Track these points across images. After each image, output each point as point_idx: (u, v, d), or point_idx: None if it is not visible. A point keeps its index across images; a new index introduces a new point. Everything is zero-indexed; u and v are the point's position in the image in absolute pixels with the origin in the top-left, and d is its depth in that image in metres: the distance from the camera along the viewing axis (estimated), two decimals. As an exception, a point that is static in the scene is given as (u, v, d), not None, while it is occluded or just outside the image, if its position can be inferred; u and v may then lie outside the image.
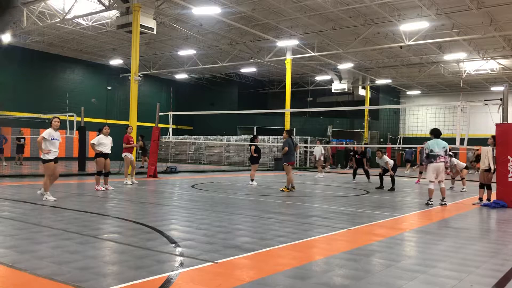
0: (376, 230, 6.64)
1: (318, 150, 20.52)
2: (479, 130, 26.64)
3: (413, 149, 28.12)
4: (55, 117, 9.33)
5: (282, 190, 12.41)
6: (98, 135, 11.74)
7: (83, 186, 12.80)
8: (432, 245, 5.65)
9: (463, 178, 14.27)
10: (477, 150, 15.69)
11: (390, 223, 7.43)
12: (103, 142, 11.36)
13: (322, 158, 20.70)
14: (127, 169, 13.46)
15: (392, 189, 13.56)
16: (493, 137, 10.46)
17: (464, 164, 14.65)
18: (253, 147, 14.86)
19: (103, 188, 11.17)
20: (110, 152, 11.53)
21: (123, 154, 13.46)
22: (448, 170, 14.92)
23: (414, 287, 3.83)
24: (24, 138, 23.07)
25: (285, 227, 6.56)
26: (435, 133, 10.03)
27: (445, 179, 10.23)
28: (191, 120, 37.54)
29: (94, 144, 11.22)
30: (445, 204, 9.91)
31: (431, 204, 9.86)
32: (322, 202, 10.28)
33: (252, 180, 14.59)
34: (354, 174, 17.55)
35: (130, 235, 5.75)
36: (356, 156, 17.24)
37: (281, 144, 13.64)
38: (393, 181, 13.74)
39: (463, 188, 13.93)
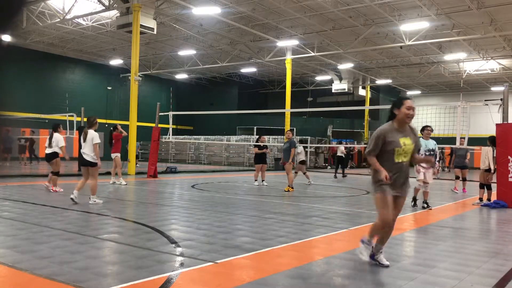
0: (376, 230, 6.63)
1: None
2: (479, 130, 26.61)
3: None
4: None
5: (287, 191, 12.37)
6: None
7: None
8: (432, 245, 5.64)
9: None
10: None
11: (390, 223, 7.41)
12: None
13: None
14: (120, 169, 13.27)
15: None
16: (490, 138, 10.43)
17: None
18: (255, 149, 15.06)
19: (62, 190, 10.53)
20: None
21: (114, 155, 13.14)
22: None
23: (414, 287, 3.83)
24: (25, 139, 22.99)
25: (285, 227, 6.55)
26: None
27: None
28: (191, 120, 37.53)
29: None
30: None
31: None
32: (322, 202, 10.28)
33: (255, 180, 14.67)
34: None
35: (130, 235, 5.75)
36: None
37: (281, 145, 13.61)
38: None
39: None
